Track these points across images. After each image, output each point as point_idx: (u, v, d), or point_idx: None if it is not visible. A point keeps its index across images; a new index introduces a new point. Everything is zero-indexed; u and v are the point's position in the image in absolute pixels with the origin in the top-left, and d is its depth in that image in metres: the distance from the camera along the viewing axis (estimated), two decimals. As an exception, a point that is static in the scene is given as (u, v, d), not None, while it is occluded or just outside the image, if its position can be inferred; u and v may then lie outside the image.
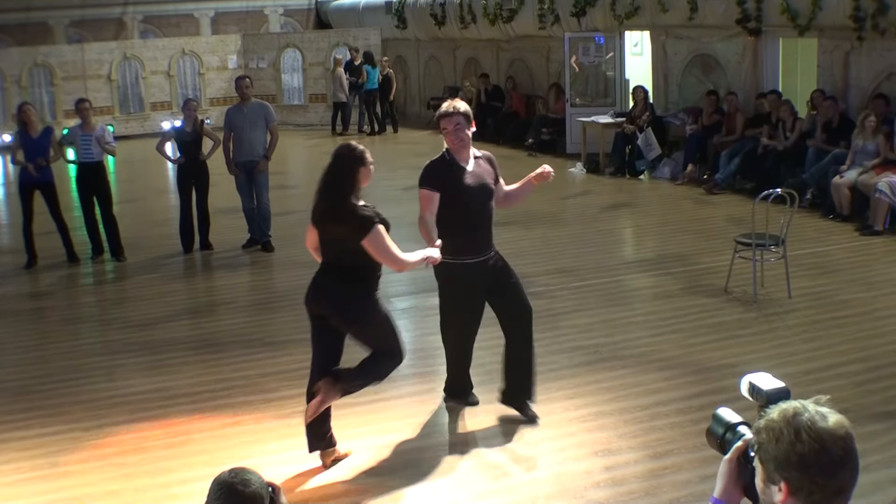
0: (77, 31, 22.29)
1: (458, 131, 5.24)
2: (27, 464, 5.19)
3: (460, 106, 5.30)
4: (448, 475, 4.92)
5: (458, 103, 5.32)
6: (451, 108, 5.26)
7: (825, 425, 1.78)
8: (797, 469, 1.77)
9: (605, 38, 15.36)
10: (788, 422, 1.80)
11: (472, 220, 5.27)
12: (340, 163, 4.79)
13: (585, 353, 6.60)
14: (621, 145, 13.94)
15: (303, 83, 21.30)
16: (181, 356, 6.91)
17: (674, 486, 4.69)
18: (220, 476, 2.43)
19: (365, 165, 4.81)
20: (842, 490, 1.80)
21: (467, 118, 5.29)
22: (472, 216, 5.27)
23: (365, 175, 4.81)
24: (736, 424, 2.09)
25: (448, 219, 5.21)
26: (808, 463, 1.76)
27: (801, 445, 1.77)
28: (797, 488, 1.78)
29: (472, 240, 5.28)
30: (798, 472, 1.77)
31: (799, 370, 6.10)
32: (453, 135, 5.25)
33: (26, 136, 9.50)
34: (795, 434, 1.78)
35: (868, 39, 10.89)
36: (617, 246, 10.36)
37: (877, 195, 9.69)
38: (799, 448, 1.77)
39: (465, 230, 5.25)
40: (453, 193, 5.22)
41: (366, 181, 4.83)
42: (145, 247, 10.39)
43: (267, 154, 9.99)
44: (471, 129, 5.30)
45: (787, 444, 1.78)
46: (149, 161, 15.34)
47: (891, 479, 4.65)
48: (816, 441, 1.76)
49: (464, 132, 5.26)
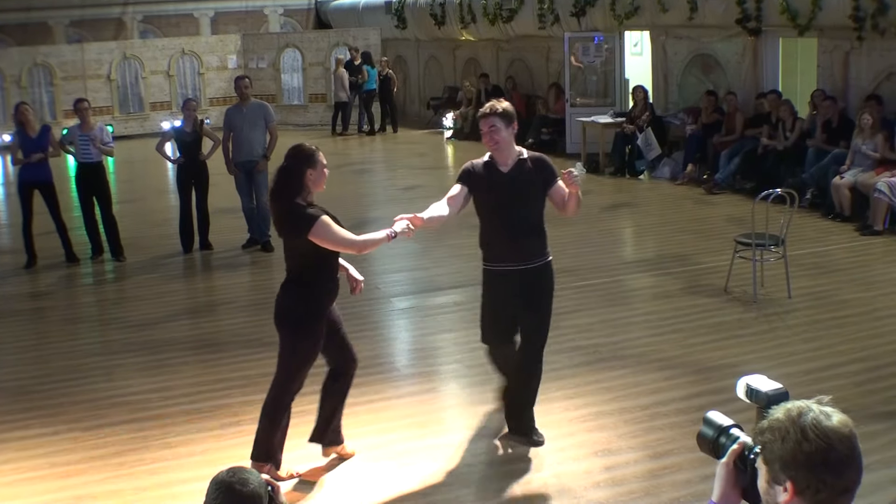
0: (77, 31, 22.29)
1: (493, 133, 4.98)
2: (27, 464, 5.18)
3: (499, 106, 5.02)
4: (448, 475, 4.91)
5: (499, 103, 5.06)
6: (488, 108, 5.02)
7: (830, 424, 1.78)
8: (804, 468, 1.77)
9: (604, 38, 15.36)
10: (794, 421, 1.80)
11: (497, 227, 5.02)
12: (288, 164, 4.63)
13: (585, 353, 6.59)
14: (621, 145, 13.93)
15: (302, 83, 21.28)
16: (181, 356, 6.91)
17: (674, 486, 4.69)
18: (219, 475, 2.42)
19: (313, 166, 4.61)
20: (847, 489, 1.80)
21: (506, 119, 4.99)
22: (499, 222, 5.01)
23: (315, 177, 4.61)
24: (728, 427, 2.07)
25: (481, 223, 5.13)
26: (815, 461, 1.77)
27: (808, 444, 1.77)
28: (804, 487, 1.78)
29: (498, 247, 5.05)
30: (805, 471, 1.77)
31: (799, 370, 6.11)
32: (488, 137, 5.02)
33: (24, 136, 9.49)
34: (802, 433, 1.78)
35: (868, 39, 10.89)
36: (617, 246, 10.36)
37: (876, 195, 9.69)
38: (806, 447, 1.77)
39: (492, 236, 5.06)
40: (484, 197, 5.05)
41: (318, 184, 4.65)
42: (145, 247, 10.39)
43: (266, 154, 9.99)
44: (511, 129, 5.01)
45: (793, 443, 1.78)
46: (148, 161, 15.34)
47: (891, 479, 4.66)
48: (823, 440, 1.76)
49: (499, 135, 4.98)
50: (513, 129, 5.02)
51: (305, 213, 4.55)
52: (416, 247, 9.41)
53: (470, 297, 6.87)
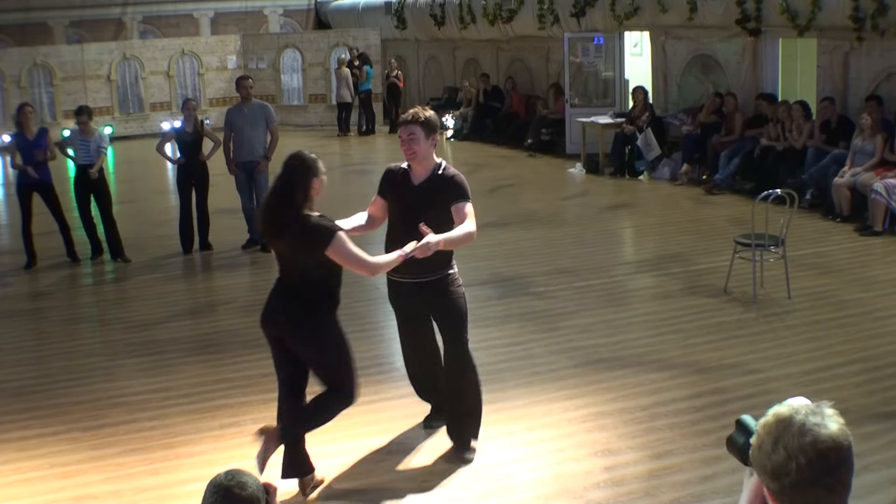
0: (76, 31, 22.29)
1: (412, 142, 4.80)
2: (27, 464, 5.18)
3: (422, 115, 4.82)
4: (448, 475, 4.91)
5: (423, 111, 4.87)
6: (410, 115, 4.85)
7: (808, 439, 1.74)
8: (772, 479, 1.76)
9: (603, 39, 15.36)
10: (770, 431, 1.78)
11: (397, 239, 4.75)
12: (292, 173, 4.48)
13: (585, 353, 6.59)
14: (621, 146, 13.94)
15: (302, 84, 21.29)
16: (181, 356, 6.91)
17: (674, 486, 4.69)
18: (216, 478, 2.40)
19: (317, 176, 4.50)
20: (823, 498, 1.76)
21: (427, 128, 4.80)
22: (398, 235, 4.79)
23: (318, 186, 4.51)
24: None
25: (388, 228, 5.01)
26: (779, 474, 1.75)
27: (776, 457, 1.75)
28: (777, 499, 1.78)
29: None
30: (774, 483, 1.76)
31: (799, 370, 6.11)
32: (406, 145, 4.83)
33: (22, 138, 9.50)
34: (773, 444, 1.76)
35: (868, 40, 10.89)
36: (617, 246, 10.36)
37: (873, 196, 9.70)
38: (774, 458, 1.75)
39: (391, 247, 4.79)
40: (391, 204, 4.96)
41: (318, 192, 4.54)
42: (145, 247, 10.39)
43: (267, 154, 9.99)
44: (432, 140, 4.83)
45: (764, 454, 1.77)
46: (148, 161, 15.34)
47: (891, 479, 4.65)
48: (791, 456, 1.73)
49: (418, 144, 4.79)
50: (433, 140, 4.85)
51: (323, 227, 4.39)
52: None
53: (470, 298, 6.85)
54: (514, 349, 6.74)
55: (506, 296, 7.87)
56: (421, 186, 4.90)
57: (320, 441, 5.33)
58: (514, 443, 5.26)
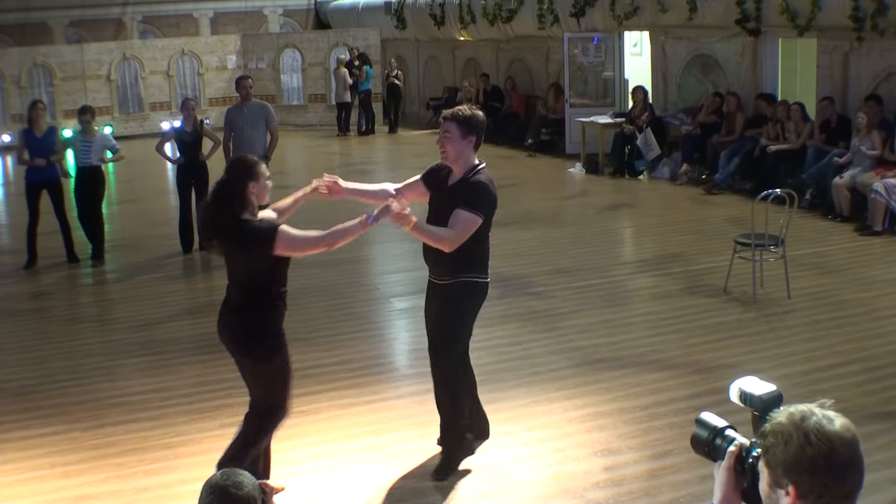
0: (76, 31, 22.29)
1: (445, 140, 4.64)
2: (27, 464, 5.18)
3: (460, 112, 4.66)
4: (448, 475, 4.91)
5: (465, 108, 4.71)
6: (448, 111, 4.72)
7: (833, 428, 1.79)
8: (807, 472, 1.78)
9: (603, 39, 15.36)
10: (797, 425, 1.80)
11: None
12: (229, 177, 4.40)
13: (585, 353, 6.60)
14: (620, 145, 13.94)
15: (302, 83, 21.28)
16: (181, 356, 6.90)
17: (673, 486, 4.69)
18: (213, 478, 2.40)
19: (255, 179, 4.36)
20: (848, 494, 1.80)
21: (464, 127, 4.60)
22: None
23: (258, 190, 4.37)
24: (723, 429, 2.06)
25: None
26: (817, 466, 1.77)
27: (812, 448, 1.77)
28: (806, 492, 1.78)
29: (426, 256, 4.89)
30: (807, 476, 1.78)
31: (799, 370, 6.11)
32: (439, 142, 4.69)
33: (31, 135, 9.51)
34: (805, 437, 1.78)
35: (867, 40, 10.89)
36: (616, 246, 10.37)
37: (872, 195, 9.71)
38: (809, 451, 1.77)
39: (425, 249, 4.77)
40: (429, 199, 4.84)
41: (262, 197, 4.42)
42: (145, 247, 10.39)
43: (267, 154, 9.98)
44: (468, 141, 4.61)
45: (796, 447, 1.78)
46: (148, 161, 15.32)
47: (891, 479, 4.66)
48: (826, 444, 1.77)
49: (451, 143, 4.61)
50: (470, 140, 4.62)
51: (262, 228, 4.29)
52: (415, 247, 9.37)
53: (470, 298, 6.85)
54: (514, 349, 6.74)
55: (506, 296, 7.87)
56: (452, 188, 4.70)
57: (320, 441, 5.35)
58: (514, 443, 5.26)
